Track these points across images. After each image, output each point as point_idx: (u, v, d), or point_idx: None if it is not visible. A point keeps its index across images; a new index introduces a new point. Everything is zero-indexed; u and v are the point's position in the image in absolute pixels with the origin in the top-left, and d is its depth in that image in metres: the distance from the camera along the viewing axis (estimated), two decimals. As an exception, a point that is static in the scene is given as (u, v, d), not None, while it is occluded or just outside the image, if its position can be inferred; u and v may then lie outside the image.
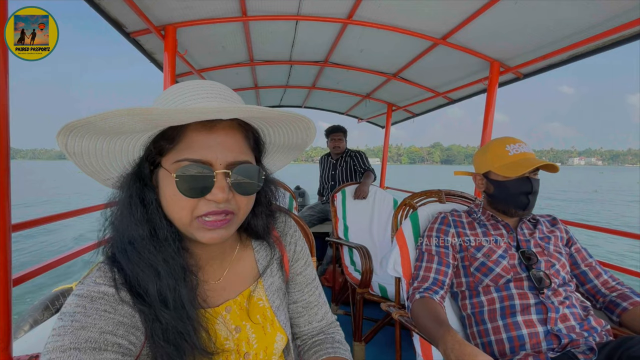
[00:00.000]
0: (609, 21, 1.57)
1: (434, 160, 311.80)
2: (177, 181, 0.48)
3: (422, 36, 2.07)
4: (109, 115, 0.42)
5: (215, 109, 0.45)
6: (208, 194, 0.49)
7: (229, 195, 0.50)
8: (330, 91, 3.72)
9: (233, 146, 0.51)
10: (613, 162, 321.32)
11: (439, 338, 0.85)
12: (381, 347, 2.00)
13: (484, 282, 1.08)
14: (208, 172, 0.49)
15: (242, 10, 1.86)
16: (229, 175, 0.50)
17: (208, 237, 0.51)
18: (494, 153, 1.15)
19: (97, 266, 0.53)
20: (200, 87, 0.52)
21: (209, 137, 0.50)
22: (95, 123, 0.44)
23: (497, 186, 1.14)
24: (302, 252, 0.74)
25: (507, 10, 1.67)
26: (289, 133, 0.60)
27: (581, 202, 19.84)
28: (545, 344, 0.94)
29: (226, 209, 0.51)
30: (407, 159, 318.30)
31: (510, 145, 1.12)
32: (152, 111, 0.43)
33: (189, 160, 0.49)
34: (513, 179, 1.10)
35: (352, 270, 2.26)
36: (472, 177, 1.25)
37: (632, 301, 1.01)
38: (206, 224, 0.50)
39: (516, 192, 1.10)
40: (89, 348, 0.43)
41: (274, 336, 0.64)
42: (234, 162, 0.51)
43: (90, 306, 0.47)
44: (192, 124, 0.50)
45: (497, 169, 1.12)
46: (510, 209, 1.14)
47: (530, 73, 2.31)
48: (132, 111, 0.42)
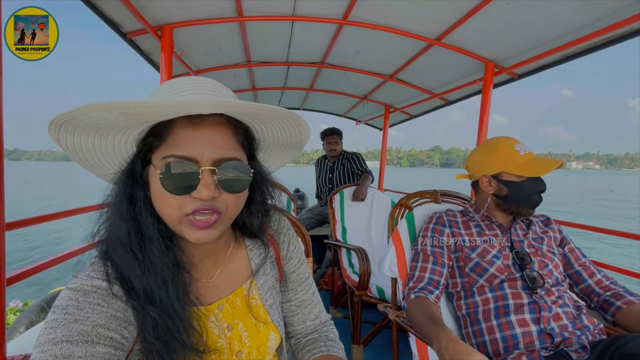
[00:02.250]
0: (600, 21, 1.59)
1: (434, 163, 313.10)
2: (161, 178, 0.48)
3: (417, 37, 2.09)
4: (89, 109, 0.43)
5: (191, 104, 0.44)
6: (193, 192, 0.49)
7: (215, 192, 0.49)
8: (328, 93, 3.73)
9: (220, 143, 0.51)
10: (611, 165, 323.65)
11: (433, 337, 0.85)
12: (380, 350, 1.99)
13: (479, 283, 1.08)
14: (193, 169, 0.48)
15: (238, 10, 1.87)
16: (215, 173, 0.50)
17: (195, 236, 0.50)
18: (504, 153, 1.12)
19: (90, 260, 0.54)
20: (189, 83, 0.52)
21: (195, 133, 0.49)
22: (79, 118, 0.44)
23: (511, 187, 1.11)
24: (296, 251, 0.73)
25: (499, 11, 1.69)
26: (281, 130, 0.59)
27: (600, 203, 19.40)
28: (538, 342, 0.94)
29: (213, 206, 0.50)
30: (407, 162, 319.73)
31: (518, 145, 1.12)
32: (128, 105, 0.43)
33: (174, 157, 0.48)
34: (527, 179, 1.09)
35: (350, 272, 2.26)
36: (479, 180, 1.19)
37: (626, 300, 1.01)
38: (194, 222, 0.50)
39: (532, 192, 1.10)
40: (81, 341, 0.43)
41: (267, 335, 0.64)
42: (220, 158, 0.50)
43: (83, 299, 0.47)
44: (179, 120, 0.50)
45: (512, 169, 1.10)
46: (522, 209, 1.13)
47: (525, 73, 2.32)
48: (110, 105, 0.42)
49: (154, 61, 2.34)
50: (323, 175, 3.34)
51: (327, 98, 4.01)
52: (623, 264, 1.71)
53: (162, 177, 0.48)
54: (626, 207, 16.99)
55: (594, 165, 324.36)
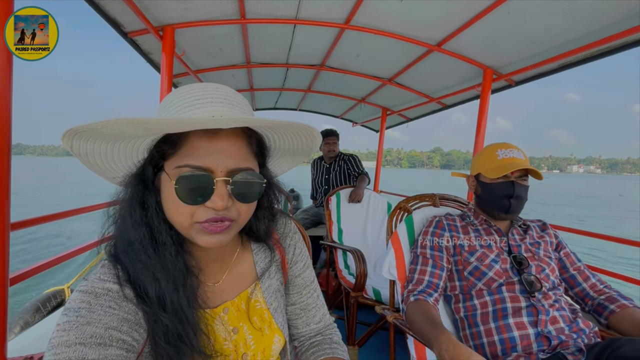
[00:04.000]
0: (597, 32, 1.63)
1: (434, 165, 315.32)
2: (176, 187, 0.48)
3: (417, 42, 2.11)
4: (110, 124, 0.43)
5: (211, 121, 0.44)
6: (207, 201, 0.49)
7: (228, 202, 0.50)
8: (326, 94, 3.74)
9: (235, 153, 0.51)
10: (612, 170, 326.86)
11: (433, 339, 0.86)
12: (374, 351, 2.00)
13: (477, 286, 1.10)
14: (208, 179, 0.48)
15: (241, 12, 1.87)
16: (229, 183, 0.50)
17: (207, 241, 0.51)
18: (485, 156, 1.20)
19: (100, 263, 0.54)
20: (205, 91, 0.52)
21: (211, 144, 0.49)
22: (98, 130, 0.45)
23: (484, 188, 1.19)
24: (302, 255, 0.74)
25: (500, 20, 1.72)
26: (294, 140, 0.60)
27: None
28: (535, 345, 0.96)
29: (225, 216, 0.50)
30: (407, 163, 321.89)
31: (501, 150, 1.16)
32: (150, 122, 0.43)
33: (189, 167, 0.48)
34: (497, 182, 1.14)
35: (346, 274, 2.26)
36: (466, 178, 1.30)
37: (619, 304, 1.04)
38: (206, 228, 0.50)
39: (499, 195, 1.14)
40: (94, 343, 0.44)
41: (271, 338, 0.64)
42: (235, 169, 0.50)
43: (95, 302, 0.47)
44: (195, 130, 0.50)
45: (486, 171, 1.17)
46: (493, 211, 1.18)
47: (522, 81, 2.37)
48: (132, 121, 0.42)
49: (154, 61, 2.33)
50: (319, 176, 3.34)
51: (325, 99, 4.02)
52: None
53: (177, 186, 0.48)
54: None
55: (595, 169, 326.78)
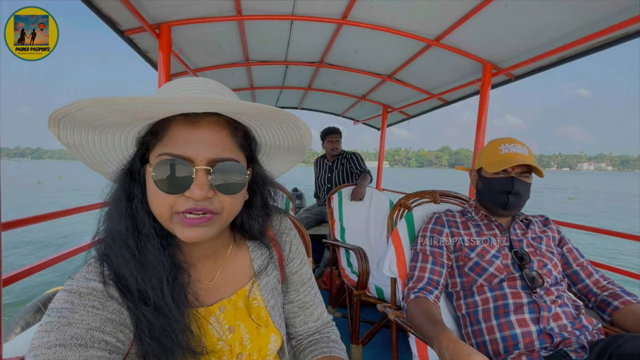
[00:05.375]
0: (596, 24, 1.61)
1: (442, 164, 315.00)
2: (153, 175, 0.47)
3: (415, 37, 2.09)
4: (81, 105, 0.42)
5: (182, 100, 0.43)
6: (186, 191, 0.48)
7: (208, 193, 0.48)
8: (326, 92, 3.73)
9: (217, 143, 0.50)
10: (623, 167, 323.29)
11: (434, 337, 0.85)
12: (378, 350, 1.99)
13: (478, 282, 1.09)
14: (187, 168, 0.47)
15: (237, 9, 1.86)
16: (210, 173, 0.49)
17: (186, 234, 0.49)
18: (488, 151, 1.18)
19: (87, 261, 0.53)
20: (191, 83, 0.51)
21: (192, 133, 0.48)
22: (73, 114, 0.44)
23: (484, 182, 1.18)
24: (298, 252, 0.73)
25: (498, 13, 1.70)
26: (280, 132, 0.58)
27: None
28: (538, 342, 0.95)
29: (205, 207, 0.49)
30: (415, 162, 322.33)
31: (505, 145, 1.14)
32: (119, 101, 0.42)
33: (169, 155, 0.48)
34: (497, 177, 1.13)
35: (349, 272, 2.25)
36: (469, 172, 1.30)
37: (623, 300, 1.02)
38: (185, 221, 0.49)
39: (497, 190, 1.13)
40: (74, 345, 0.43)
41: (268, 337, 0.63)
42: (216, 159, 0.49)
43: (78, 302, 0.46)
44: (177, 119, 0.49)
45: (487, 165, 1.16)
46: (491, 206, 1.17)
47: (522, 75, 2.34)
48: (98, 101, 0.42)
49: (152, 59, 2.32)
50: (322, 174, 3.34)
51: (325, 97, 4.01)
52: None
53: (155, 174, 0.47)
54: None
55: (606, 166, 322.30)
